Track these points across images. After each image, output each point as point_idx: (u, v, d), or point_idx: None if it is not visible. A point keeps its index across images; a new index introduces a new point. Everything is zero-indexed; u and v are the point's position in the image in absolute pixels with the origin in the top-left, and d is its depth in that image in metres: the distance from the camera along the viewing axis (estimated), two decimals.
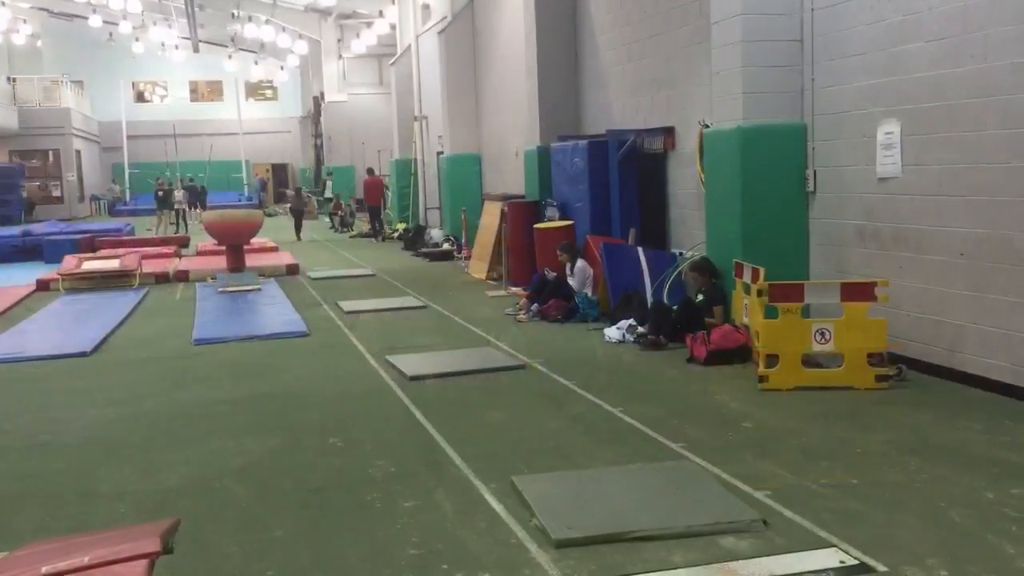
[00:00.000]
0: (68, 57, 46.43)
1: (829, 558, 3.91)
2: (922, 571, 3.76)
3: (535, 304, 10.57)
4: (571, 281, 10.90)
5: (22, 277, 16.45)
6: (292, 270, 16.74)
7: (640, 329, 8.86)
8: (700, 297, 8.84)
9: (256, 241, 18.84)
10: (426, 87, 23.27)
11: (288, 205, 33.06)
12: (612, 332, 9.12)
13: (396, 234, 24.31)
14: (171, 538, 3.26)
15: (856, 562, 3.86)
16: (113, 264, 15.92)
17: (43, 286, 15.20)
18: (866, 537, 4.10)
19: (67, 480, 5.48)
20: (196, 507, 4.90)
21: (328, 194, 33.60)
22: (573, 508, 4.53)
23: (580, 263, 11.02)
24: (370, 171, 26.57)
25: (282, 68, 47.21)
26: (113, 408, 7.21)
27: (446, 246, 19.21)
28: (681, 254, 10.26)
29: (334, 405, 7.06)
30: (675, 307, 8.84)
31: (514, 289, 12.72)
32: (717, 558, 3.95)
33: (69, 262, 16.07)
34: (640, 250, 10.34)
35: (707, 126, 9.27)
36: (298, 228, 26.01)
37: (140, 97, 52.49)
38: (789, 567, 3.84)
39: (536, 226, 12.69)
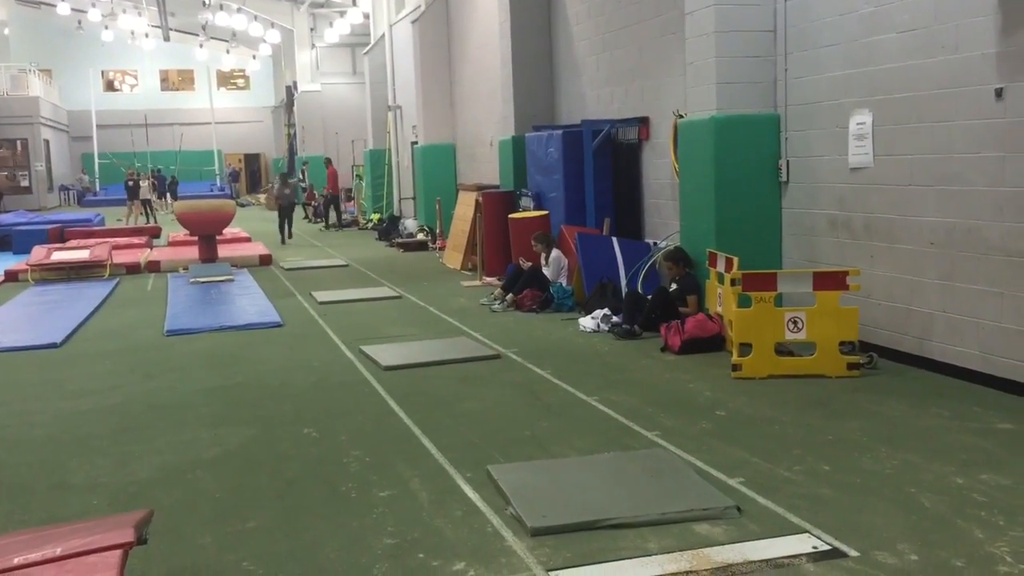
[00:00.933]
0: (36, 45, 45.80)
1: (802, 543, 3.95)
2: (893, 556, 3.80)
3: (510, 294, 10.58)
4: (546, 271, 10.91)
5: None
6: (265, 260, 16.65)
7: (615, 319, 8.89)
8: (674, 286, 8.89)
9: (229, 231, 18.71)
10: (400, 77, 23.17)
11: (270, 194, 32.41)
12: (587, 322, 9.15)
13: (370, 224, 24.23)
14: (145, 529, 3.24)
15: (828, 547, 3.90)
16: (83, 255, 15.76)
17: (12, 277, 15.04)
18: (838, 523, 4.15)
19: (38, 472, 5.42)
20: (170, 498, 4.87)
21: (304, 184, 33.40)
22: (548, 497, 4.54)
23: (555, 253, 11.04)
24: (327, 161, 26.64)
25: (254, 57, 46.79)
26: (84, 399, 7.14)
27: (421, 236, 19.18)
28: (655, 244, 10.30)
29: (309, 396, 7.03)
30: (649, 296, 8.88)
31: (489, 279, 12.72)
32: (691, 544, 3.98)
33: (38, 253, 15.88)
34: (615, 240, 10.37)
35: (681, 116, 9.31)
36: (286, 226, 21.34)
37: (110, 86, 51.91)
38: (762, 553, 3.87)
39: (511, 216, 12.69)
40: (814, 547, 3.91)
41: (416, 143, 21.38)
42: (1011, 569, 3.65)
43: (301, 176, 34.38)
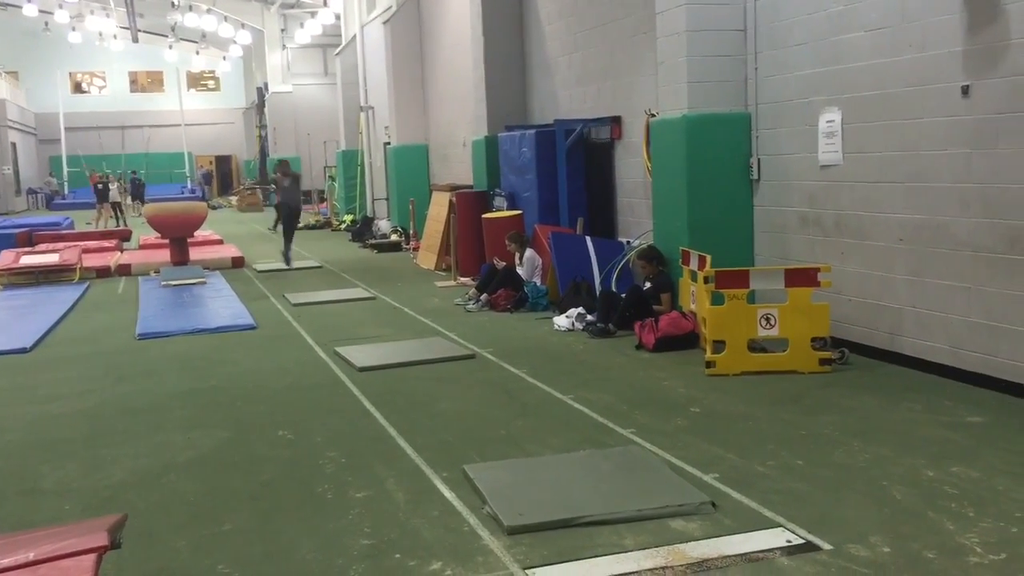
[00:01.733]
0: (2, 47, 45.19)
1: (776, 538, 3.99)
2: (866, 548, 3.85)
3: (484, 294, 10.58)
4: (520, 271, 10.93)
5: None
6: (238, 263, 16.53)
7: (589, 317, 8.92)
8: (648, 285, 8.93)
9: (200, 234, 18.58)
10: (372, 77, 23.09)
11: (242, 195, 31.79)
12: (561, 321, 9.17)
13: (343, 225, 24.12)
14: (119, 533, 3.21)
15: (802, 541, 3.94)
16: (53, 259, 15.57)
17: None
18: (811, 516, 4.19)
19: (8, 478, 5.36)
20: (144, 502, 4.83)
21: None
22: (525, 495, 4.55)
23: (529, 252, 11.05)
24: (282, 163, 26.56)
25: (225, 58, 46.48)
26: (55, 404, 7.06)
27: (394, 237, 19.12)
28: (629, 242, 10.34)
29: (283, 397, 7.00)
30: (623, 295, 8.91)
31: (463, 279, 12.71)
32: (667, 540, 4.00)
33: (7, 257, 15.68)
34: (588, 239, 10.40)
35: (653, 115, 9.35)
36: (289, 236, 16.08)
37: (78, 88, 51.34)
38: (737, 547, 3.90)
39: (484, 216, 12.69)
40: (788, 541, 3.95)
41: (389, 144, 21.32)
42: (981, 559, 3.70)
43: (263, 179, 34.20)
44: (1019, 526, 4.00)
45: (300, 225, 18.50)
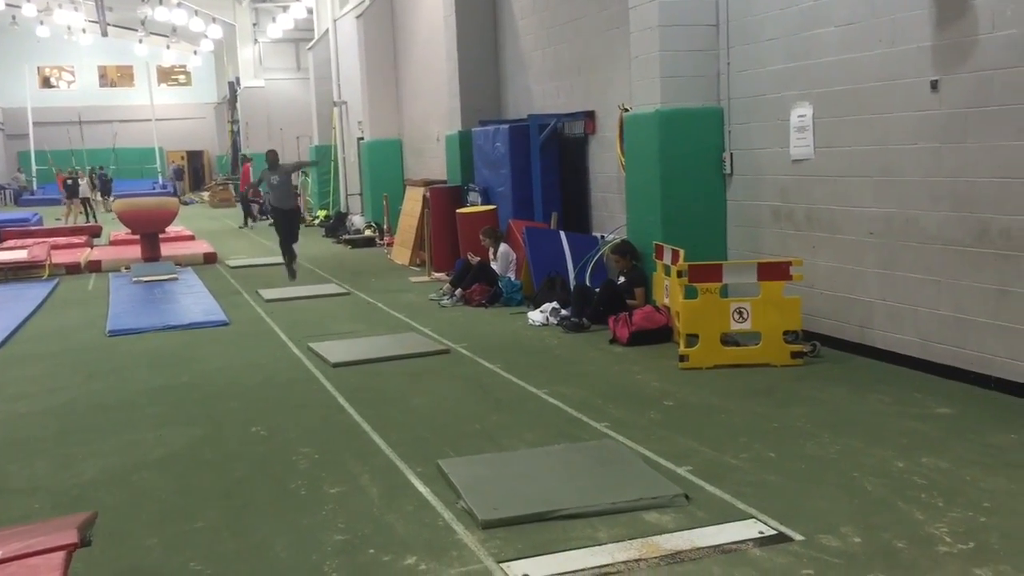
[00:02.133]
0: None
1: (748, 529, 4.02)
2: (837, 539, 3.88)
3: (459, 289, 10.57)
4: (494, 266, 10.92)
5: None
6: (210, 259, 16.42)
7: (563, 312, 8.93)
8: (622, 279, 8.95)
9: (172, 229, 18.42)
10: (345, 72, 22.98)
11: (214, 190, 31.39)
12: (536, 315, 9.18)
13: (317, 221, 24.01)
14: (89, 531, 3.18)
15: (774, 532, 3.97)
16: (21, 255, 15.40)
17: None
18: (783, 508, 4.22)
19: None
20: (115, 500, 4.79)
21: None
22: (499, 489, 4.55)
23: (503, 247, 11.05)
24: (244, 158, 26.59)
25: (196, 53, 46.04)
26: (24, 402, 6.98)
27: (368, 233, 19.05)
28: (603, 237, 10.37)
29: (256, 394, 6.96)
30: (597, 289, 8.93)
31: (437, 274, 12.69)
32: (641, 533, 4.02)
33: None
34: (562, 234, 10.41)
35: (627, 110, 9.37)
36: (290, 242, 12.96)
37: (46, 83, 50.66)
38: (710, 539, 3.93)
39: (459, 211, 12.67)
40: (760, 532, 3.98)
41: (362, 139, 21.23)
42: (950, 549, 3.75)
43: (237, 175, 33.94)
44: (987, 516, 4.05)
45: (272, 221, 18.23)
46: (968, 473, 4.57)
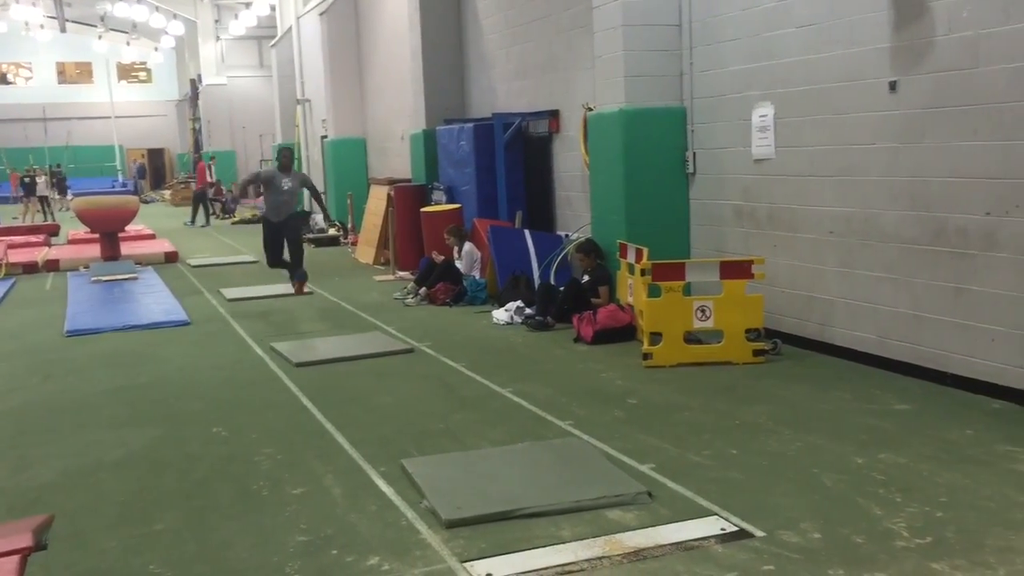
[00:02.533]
0: None
1: (710, 526, 4.04)
2: (797, 535, 3.92)
3: (423, 288, 10.54)
4: (459, 264, 10.91)
5: None
6: (171, 258, 16.24)
7: (528, 311, 8.94)
8: (586, 278, 8.98)
9: (132, 228, 18.19)
10: (308, 70, 22.82)
11: (175, 189, 31.02)
12: (500, 314, 9.18)
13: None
14: (44, 534, 3.14)
15: (736, 528, 4.00)
16: None
17: None
18: (745, 505, 4.26)
19: None
20: (72, 502, 4.71)
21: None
22: (463, 488, 4.55)
23: (468, 246, 11.04)
24: (199, 157, 26.50)
25: (156, 49, 45.47)
26: None
27: (332, 231, 18.94)
28: (567, 236, 10.39)
29: (218, 394, 6.89)
30: (562, 288, 8.95)
31: (402, 273, 12.65)
32: (604, 531, 4.03)
33: None
34: (527, 232, 10.42)
35: (591, 109, 9.40)
36: (299, 263, 11.00)
37: (3, 79, 49.74)
38: (673, 536, 3.95)
39: (423, 210, 12.64)
40: (722, 529, 4.00)
41: (326, 137, 21.09)
42: (907, 543, 3.80)
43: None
44: (944, 510, 4.11)
45: (235, 219, 17.91)
46: (925, 468, 4.64)
